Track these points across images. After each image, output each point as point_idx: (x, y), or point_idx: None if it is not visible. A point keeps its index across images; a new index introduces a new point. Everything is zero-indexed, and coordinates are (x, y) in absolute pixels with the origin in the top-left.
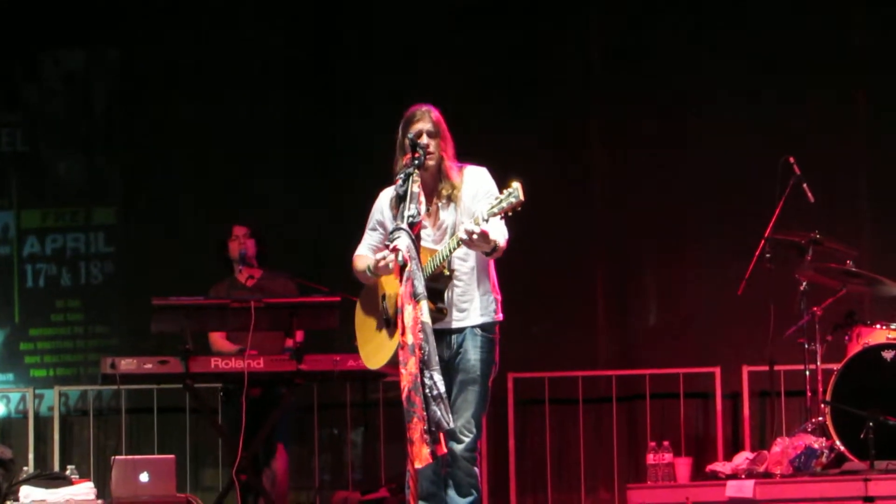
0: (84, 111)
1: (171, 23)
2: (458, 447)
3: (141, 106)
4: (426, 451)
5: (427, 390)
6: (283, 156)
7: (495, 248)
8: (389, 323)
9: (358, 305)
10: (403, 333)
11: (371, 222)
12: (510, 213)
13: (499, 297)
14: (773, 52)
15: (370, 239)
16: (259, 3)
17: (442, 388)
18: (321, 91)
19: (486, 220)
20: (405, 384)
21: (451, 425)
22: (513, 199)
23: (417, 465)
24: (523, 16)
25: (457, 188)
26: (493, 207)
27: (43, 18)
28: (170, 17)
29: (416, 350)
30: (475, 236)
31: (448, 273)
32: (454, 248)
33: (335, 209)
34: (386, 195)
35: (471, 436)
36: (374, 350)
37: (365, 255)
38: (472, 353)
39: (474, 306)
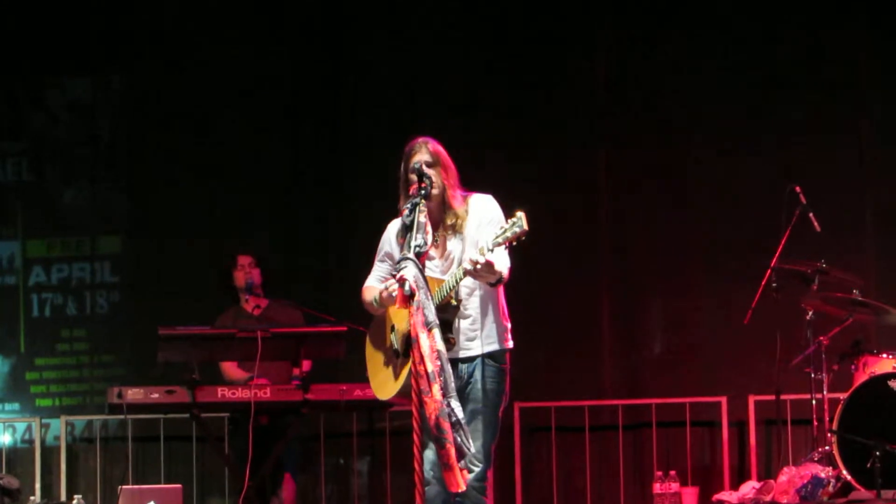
0: (89, 139)
1: (176, 50)
2: (468, 477)
3: (146, 134)
4: (464, 475)
5: (447, 417)
6: (288, 183)
7: (500, 278)
8: (398, 354)
9: (368, 336)
10: (421, 362)
11: (379, 254)
12: (515, 243)
13: (509, 325)
14: (778, 80)
15: (379, 271)
16: (265, 30)
17: (461, 415)
18: (327, 117)
19: (491, 250)
20: (432, 412)
21: (472, 451)
22: (517, 229)
23: (454, 489)
24: (528, 41)
25: (461, 218)
26: (497, 237)
27: (48, 46)
28: (174, 44)
29: (437, 377)
30: (479, 266)
31: (455, 303)
32: (460, 279)
33: (341, 238)
34: (393, 227)
35: (480, 466)
36: (384, 380)
37: (373, 286)
38: (482, 383)
39: (483, 335)
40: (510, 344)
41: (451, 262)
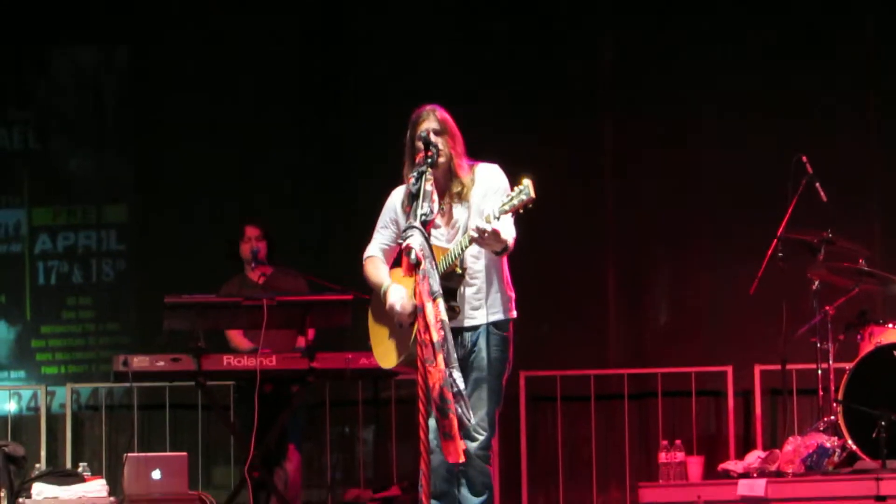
0: (95, 108)
1: (182, 19)
2: (472, 445)
3: (152, 103)
4: (462, 446)
5: (450, 387)
6: (293, 153)
7: (505, 247)
8: (402, 324)
9: (370, 306)
10: (427, 331)
11: (383, 220)
12: (521, 211)
13: (512, 295)
14: (784, 51)
15: (382, 238)
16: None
17: (462, 385)
18: (332, 87)
19: (498, 218)
20: (435, 381)
21: (473, 422)
22: (524, 197)
23: (453, 460)
24: (535, 13)
25: (467, 186)
26: (504, 205)
27: (53, 15)
28: (180, 14)
29: (441, 347)
30: (486, 234)
31: (460, 271)
32: (466, 247)
33: (346, 207)
34: (398, 194)
35: (485, 434)
36: (388, 349)
37: (377, 256)
38: (486, 352)
39: (488, 304)
40: (514, 314)
41: (456, 231)
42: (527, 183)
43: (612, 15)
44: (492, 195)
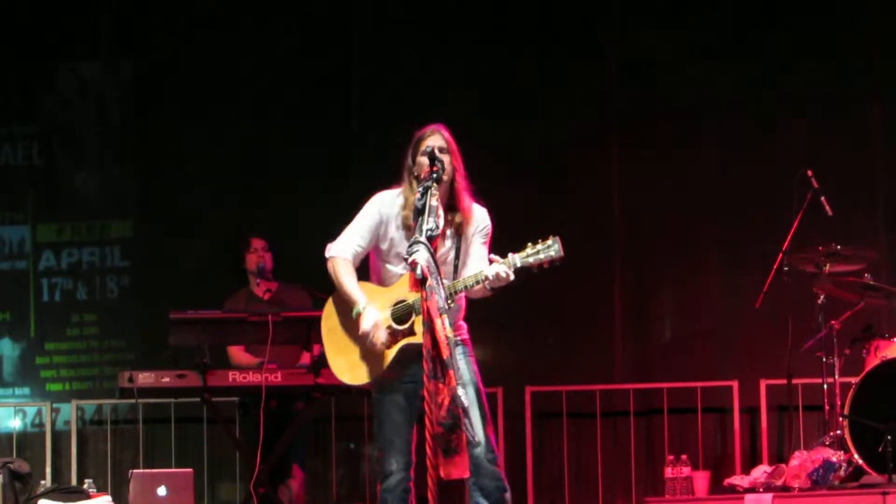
0: (100, 124)
1: (187, 34)
2: (478, 450)
3: (157, 118)
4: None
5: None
6: (298, 167)
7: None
8: (396, 334)
9: (329, 307)
10: (436, 347)
11: (364, 224)
12: (545, 266)
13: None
14: (789, 63)
15: (358, 241)
16: (273, 13)
17: (466, 402)
18: (337, 100)
19: (518, 266)
20: (444, 397)
21: (479, 438)
22: (552, 253)
23: (459, 475)
24: (542, 27)
25: (466, 219)
26: (528, 256)
27: (59, 30)
28: (185, 29)
29: (450, 363)
30: (504, 279)
31: (452, 304)
32: (472, 286)
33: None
34: (386, 201)
35: (484, 438)
36: (356, 365)
37: (349, 260)
38: (463, 363)
39: (458, 323)
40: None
41: (445, 263)
42: (555, 240)
43: (619, 19)
44: (478, 241)
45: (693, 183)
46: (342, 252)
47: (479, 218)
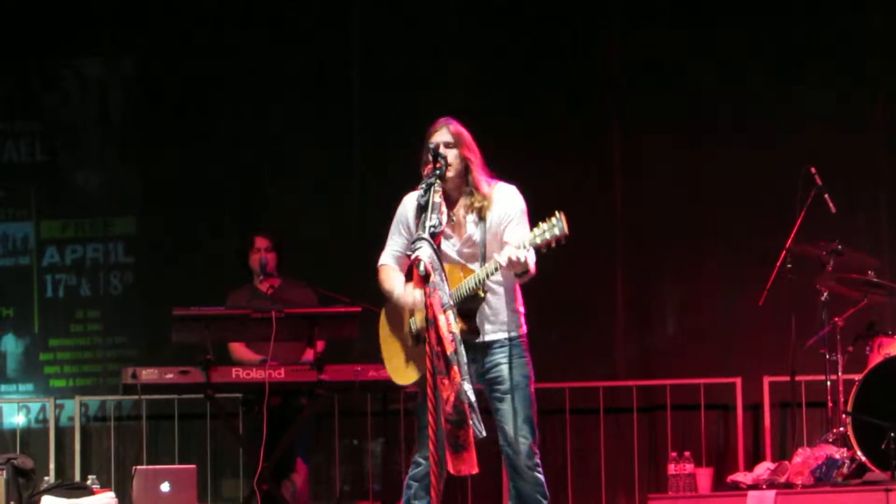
0: (103, 120)
1: (190, 31)
2: (519, 457)
3: (160, 115)
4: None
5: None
6: (303, 164)
7: (526, 272)
8: (420, 338)
9: (382, 318)
10: (440, 343)
11: (395, 227)
12: (553, 245)
13: (523, 310)
14: (793, 61)
15: (394, 245)
16: (274, 12)
17: (473, 398)
18: (344, 96)
19: (527, 248)
20: (449, 393)
21: (484, 434)
22: (557, 232)
23: (466, 472)
24: (546, 18)
25: (487, 204)
26: (535, 237)
27: (61, 27)
28: (188, 26)
29: (454, 359)
30: (517, 262)
31: (483, 294)
32: (492, 273)
33: (358, 219)
34: (410, 200)
35: (527, 441)
36: (405, 366)
37: (389, 265)
38: (506, 365)
39: (502, 320)
40: (524, 329)
41: (472, 246)
42: (559, 217)
43: (622, 17)
44: (509, 223)
45: (697, 179)
46: (384, 259)
47: (506, 200)
